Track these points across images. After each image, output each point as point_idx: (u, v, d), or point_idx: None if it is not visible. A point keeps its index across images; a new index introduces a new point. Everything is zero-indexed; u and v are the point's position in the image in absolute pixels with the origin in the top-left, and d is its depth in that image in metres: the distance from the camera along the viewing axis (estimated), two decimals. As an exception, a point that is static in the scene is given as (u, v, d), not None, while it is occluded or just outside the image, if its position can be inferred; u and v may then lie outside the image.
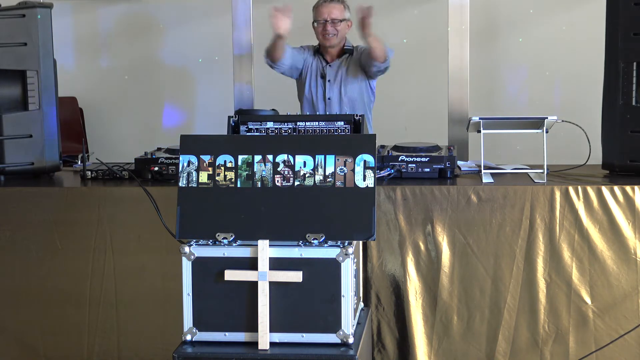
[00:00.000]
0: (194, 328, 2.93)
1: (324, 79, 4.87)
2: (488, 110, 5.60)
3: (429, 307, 3.69)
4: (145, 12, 6.45)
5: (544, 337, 3.66)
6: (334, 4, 4.80)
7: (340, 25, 4.79)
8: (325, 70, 4.87)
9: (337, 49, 4.89)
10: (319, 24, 4.81)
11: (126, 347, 3.81)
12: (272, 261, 2.88)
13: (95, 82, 6.52)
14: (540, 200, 3.64)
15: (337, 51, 4.90)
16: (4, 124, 3.96)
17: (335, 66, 4.88)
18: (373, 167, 2.96)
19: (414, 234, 3.68)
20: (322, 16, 4.79)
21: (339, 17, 4.79)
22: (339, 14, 4.79)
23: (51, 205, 3.82)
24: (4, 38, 3.94)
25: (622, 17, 3.85)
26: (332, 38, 4.80)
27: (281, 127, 3.90)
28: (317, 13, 4.82)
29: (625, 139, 3.86)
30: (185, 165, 3.00)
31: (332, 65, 4.89)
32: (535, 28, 6.09)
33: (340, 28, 4.80)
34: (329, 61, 4.90)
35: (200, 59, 6.37)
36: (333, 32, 4.79)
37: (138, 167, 3.95)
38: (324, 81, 4.86)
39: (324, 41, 4.84)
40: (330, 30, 4.78)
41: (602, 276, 3.64)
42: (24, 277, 3.82)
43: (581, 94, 5.80)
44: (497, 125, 3.95)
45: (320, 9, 4.81)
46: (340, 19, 4.79)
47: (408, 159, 3.84)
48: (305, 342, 2.89)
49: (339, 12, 4.80)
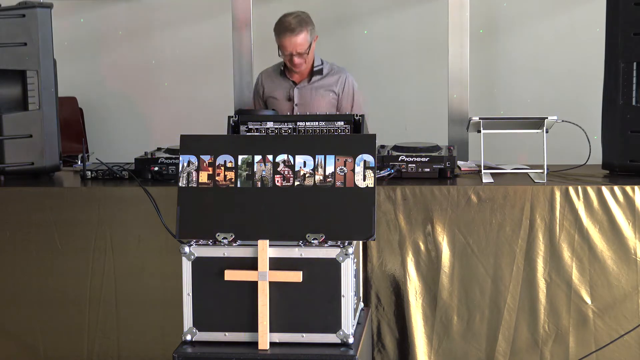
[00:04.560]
0: (194, 328, 2.93)
1: (291, 102, 4.64)
2: (488, 111, 5.60)
3: (429, 307, 3.69)
4: (145, 12, 6.45)
5: (544, 337, 3.66)
6: (297, 35, 4.45)
7: (307, 55, 4.52)
8: (292, 93, 4.64)
9: (306, 71, 4.63)
10: (284, 55, 4.54)
11: (126, 347, 3.81)
12: (272, 261, 2.88)
13: (95, 82, 6.52)
14: (540, 200, 3.64)
15: (306, 72, 4.64)
16: (4, 124, 3.96)
17: (304, 89, 4.63)
18: (373, 167, 2.96)
19: (414, 234, 3.68)
20: (287, 50, 4.48)
21: (304, 48, 4.48)
22: (304, 44, 4.47)
23: (51, 205, 3.82)
24: (4, 38, 3.94)
25: (622, 17, 3.84)
26: (300, 66, 4.54)
27: (281, 127, 3.90)
28: (281, 46, 4.51)
29: (625, 139, 3.86)
30: (185, 165, 3.00)
31: (299, 87, 4.63)
32: (535, 28, 6.09)
33: (308, 57, 4.54)
34: (297, 82, 4.64)
35: (200, 58, 6.37)
36: (300, 62, 4.52)
37: (138, 167, 3.95)
38: (292, 104, 4.64)
39: (293, 68, 4.57)
40: (298, 62, 4.51)
41: (602, 276, 3.64)
42: (24, 277, 3.82)
43: (581, 94, 5.80)
44: (497, 125, 3.95)
45: (284, 43, 4.48)
46: (307, 47, 4.49)
47: (408, 159, 3.84)
48: (305, 342, 2.89)
49: (303, 42, 4.47)
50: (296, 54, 4.50)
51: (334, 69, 4.70)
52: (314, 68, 4.64)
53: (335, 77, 4.67)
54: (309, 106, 4.60)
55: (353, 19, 6.21)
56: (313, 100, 4.63)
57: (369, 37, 6.07)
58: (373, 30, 6.17)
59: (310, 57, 4.58)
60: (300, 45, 4.49)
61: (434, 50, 5.79)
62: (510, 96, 6.12)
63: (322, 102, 4.63)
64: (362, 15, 6.23)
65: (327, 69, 4.68)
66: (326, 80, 4.66)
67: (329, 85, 4.65)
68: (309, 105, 4.61)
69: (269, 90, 4.72)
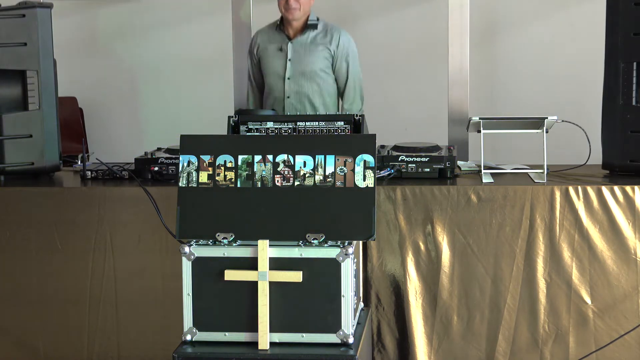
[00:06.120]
0: (194, 328, 2.93)
1: (285, 56, 4.59)
2: (488, 110, 5.60)
3: (429, 307, 3.69)
4: (145, 12, 6.45)
5: (544, 337, 3.66)
6: None
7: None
8: (285, 47, 4.59)
9: (301, 23, 4.58)
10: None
11: (126, 347, 3.81)
12: (272, 261, 2.88)
13: (95, 82, 6.52)
14: (540, 200, 3.64)
15: (301, 25, 4.59)
16: (4, 124, 3.96)
17: (298, 43, 4.59)
18: (373, 167, 2.96)
19: (414, 234, 3.68)
20: None
21: None
22: None
23: (51, 205, 3.82)
24: (4, 38, 3.94)
25: (622, 17, 3.85)
26: (294, 11, 4.49)
27: (281, 127, 3.90)
28: None
29: (625, 139, 3.86)
30: (185, 165, 3.00)
31: (293, 42, 4.59)
32: (535, 28, 6.09)
33: (303, 1, 4.49)
34: (292, 36, 4.60)
35: (200, 58, 6.37)
36: (295, 6, 4.47)
37: (138, 167, 3.95)
38: (285, 59, 4.60)
39: (286, 14, 4.51)
40: (293, 4, 4.47)
41: (602, 276, 3.64)
42: (24, 277, 3.82)
43: (581, 94, 5.79)
44: (497, 125, 3.95)
45: None
46: None
47: (408, 159, 3.84)
48: (305, 342, 2.89)
49: None
50: None
51: (329, 26, 4.64)
52: (308, 22, 4.59)
53: (330, 34, 4.61)
54: (302, 63, 4.57)
55: (353, 19, 6.21)
56: (307, 57, 4.58)
57: (369, 37, 6.06)
58: (373, 30, 6.17)
59: (305, 7, 4.53)
60: None
61: (434, 50, 5.79)
62: (510, 96, 6.12)
63: (316, 59, 4.58)
64: (362, 15, 6.23)
65: (322, 25, 4.63)
66: (321, 36, 4.61)
67: (324, 42, 4.60)
68: (302, 61, 4.58)
69: (263, 45, 4.66)
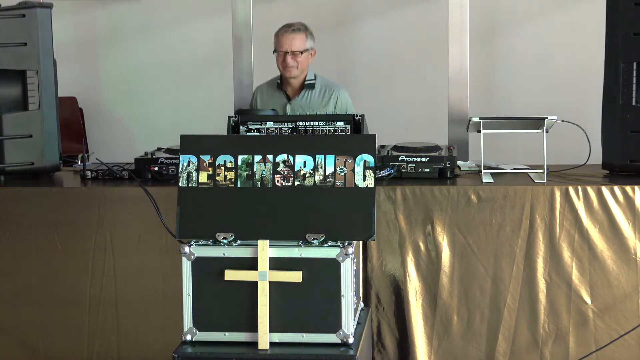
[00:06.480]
0: (194, 328, 2.93)
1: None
2: (488, 111, 5.59)
3: (429, 307, 3.70)
4: (145, 12, 6.45)
5: (544, 337, 3.66)
6: (295, 34, 4.53)
7: (301, 56, 4.52)
8: (285, 110, 4.62)
9: (299, 81, 4.62)
10: (279, 54, 4.56)
11: (126, 347, 3.81)
12: (272, 261, 2.88)
13: (95, 82, 6.52)
14: (540, 200, 3.64)
15: (299, 83, 4.63)
16: (4, 124, 3.96)
17: (296, 105, 4.60)
18: (373, 167, 2.96)
19: (414, 234, 3.68)
20: (282, 47, 4.52)
21: (299, 48, 4.51)
22: (300, 45, 4.52)
23: (51, 205, 3.82)
24: (4, 38, 3.94)
25: (622, 17, 3.85)
26: (292, 69, 4.53)
27: (281, 127, 3.90)
28: (278, 43, 4.56)
29: (625, 139, 3.86)
30: (185, 165, 3.01)
31: (292, 103, 4.62)
32: (535, 28, 6.09)
33: (301, 60, 4.52)
34: (291, 97, 4.64)
35: (200, 58, 6.37)
36: (293, 64, 4.52)
37: (138, 167, 3.95)
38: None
39: (284, 72, 4.57)
40: (290, 62, 4.51)
41: (602, 276, 3.64)
42: (24, 277, 3.83)
43: (581, 94, 5.80)
44: (497, 125, 3.95)
45: (281, 39, 4.54)
46: (302, 50, 4.52)
47: (408, 159, 3.84)
48: (305, 342, 2.89)
49: (300, 43, 4.52)
50: (290, 52, 4.50)
51: (327, 85, 4.67)
52: (305, 81, 4.63)
53: (328, 95, 4.64)
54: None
55: (353, 18, 6.21)
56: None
57: (369, 37, 6.06)
58: (373, 30, 6.17)
59: (303, 65, 4.57)
60: (297, 44, 4.52)
61: (434, 50, 5.79)
62: (510, 96, 6.12)
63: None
64: (362, 15, 6.23)
65: (320, 84, 4.66)
66: (319, 99, 4.64)
67: (323, 104, 4.63)
68: None
69: (262, 103, 4.70)
